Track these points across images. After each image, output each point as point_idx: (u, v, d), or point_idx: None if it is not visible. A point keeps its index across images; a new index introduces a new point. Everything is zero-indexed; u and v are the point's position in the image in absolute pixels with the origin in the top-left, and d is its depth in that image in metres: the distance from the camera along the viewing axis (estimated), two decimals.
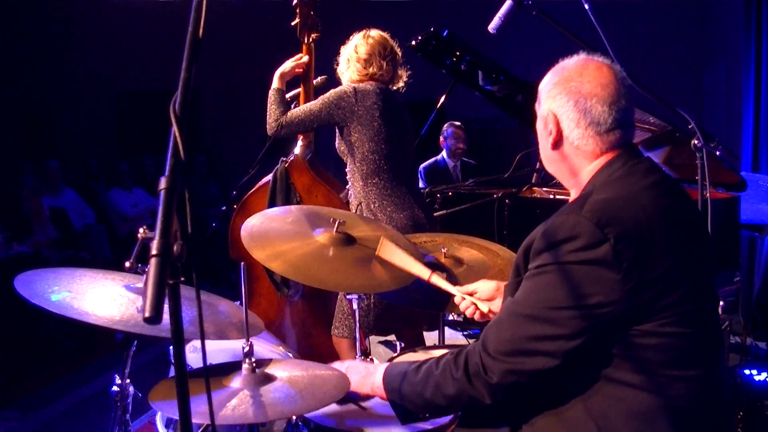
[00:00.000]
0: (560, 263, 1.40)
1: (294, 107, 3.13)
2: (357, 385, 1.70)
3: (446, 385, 1.50)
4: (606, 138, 1.52)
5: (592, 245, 1.38)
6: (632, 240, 1.39)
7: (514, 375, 1.43)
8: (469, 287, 2.04)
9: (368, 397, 1.74)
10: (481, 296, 1.99)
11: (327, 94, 3.01)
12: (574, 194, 1.61)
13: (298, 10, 3.22)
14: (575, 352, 1.40)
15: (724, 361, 1.58)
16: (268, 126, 3.06)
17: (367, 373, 1.70)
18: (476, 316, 2.03)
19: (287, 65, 3.19)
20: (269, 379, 1.71)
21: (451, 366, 1.51)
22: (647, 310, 1.40)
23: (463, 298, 2.01)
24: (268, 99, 3.09)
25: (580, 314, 1.38)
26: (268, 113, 3.07)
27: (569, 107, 1.52)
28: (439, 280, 2.03)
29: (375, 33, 3.10)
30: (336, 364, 1.81)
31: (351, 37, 3.12)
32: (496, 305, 1.98)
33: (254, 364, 1.71)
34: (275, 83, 3.14)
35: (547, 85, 1.58)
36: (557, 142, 1.57)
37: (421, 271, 2.04)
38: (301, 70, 3.23)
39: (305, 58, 3.24)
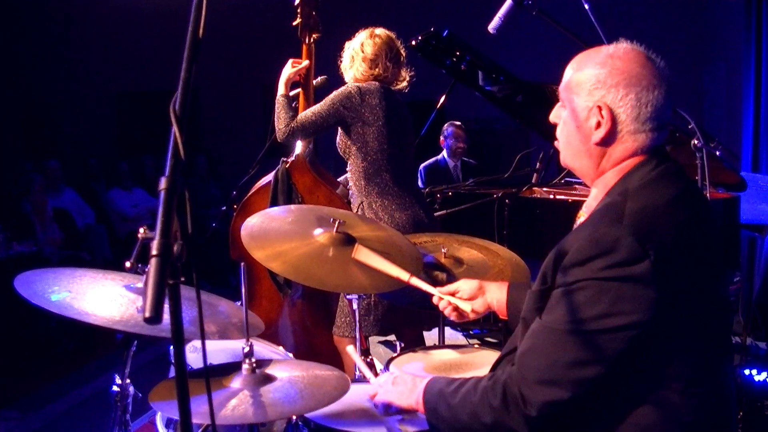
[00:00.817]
0: (597, 279, 1.34)
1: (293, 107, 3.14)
2: (401, 398, 1.65)
3: (484, 413, 1.45)
4: (654, 135, 1.46)
5: (632, 261, 1.32)
6: (670, 256, 1.34)
7: (553, 406, 1.38)
8: (450, 287, 2.00)
9: (411, 411, 1.67)
10: (462, 296, 1.97)
11: (332, 96, 3.01)
12: (597, 193, 1.53)
13: (299, 10, 3.22)
14: (611, 375, 1.35)
15: (732, 372, 1.56)
16: (277, 131, 3.06)
17: (413, 386, 1.65)
18: (453, 317, 2.01)
19: (290, 71, 3.19)
20: (269, 379, 1.71)
21: (489, 394, 1.45)
22: (678, 327, 1.36)
23: (441, 299, 1.98)
24: (276, 106, 3.09)
25: (618, 336, 1.33)
26: (276, 119, 3.07)
27: (629, 101, 1.43)
28: (418, 282, 2.01)
29: (381, 32, 3.09)
30: (384, 375, 1.77)
31: (357, 34, 3.11)
32: (478, 304, 1.96)
33: (254, 365, 1.71)
34: (281, 90, 3.14)
35: (591, 76, 1.46)
36: (608, 137, 1.46)
37: (400, 274, 2.00)
38: (303, 75, 3.24)
39: (305, 62, 3.24)
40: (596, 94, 1.45)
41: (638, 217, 1.37)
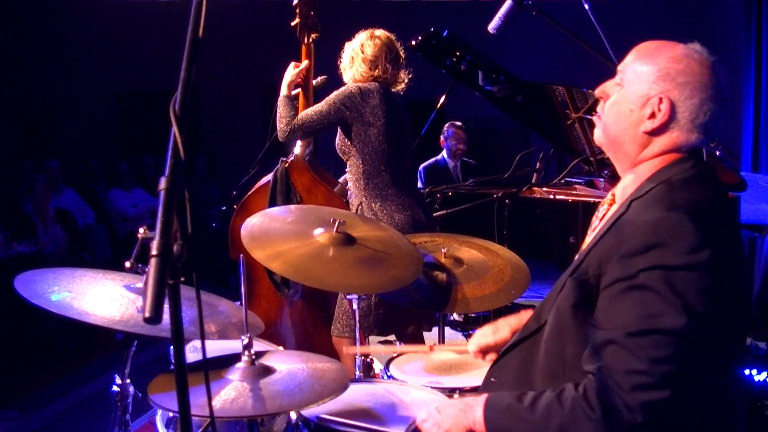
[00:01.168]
0: (662, 267, 1.31)
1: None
2: (455, 422, 1.53)
3: (579, 426, 1.37)
4: (701, 138, 1.48)
5: (696, 248, 1.31)
6: (723, 248, 1.34)
7: (657, 407, 1.32)
8: (480, 343, 1.95)
9: None
10: (498, 347, 1.89)
11: (333, 95, 3.02)
12: (633, 180, 1.53)
13: (297, 10, 3.22)
14: (690, 368, 1.32)
15: (741, 373, 1.56)
16: (279, 131, 3.07)
17: (466, 407, 1.55)
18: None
19: (292, 73, 3.19)
20: (268, 371, 1.70)
21: (583, 406, 1.37)
22: (725, 324, 1.36)
23: (487, 357, 1.95)
24: (278, 106, 3.10)
25: (698, 329, 1.31)
26: (278, 119, 3.08)
27: (693, 104, 1.46)
28: (443, 347, 2.10)
29: (381, 33, 3.10)
30: (423, 410, 1.66)
31: (357, 34, 3.12)
32: (502, 336, 1.93)
33: (253, 356, 1.70)
34: (283, 91, 3.15)
35: (662, 67, 1.47)
36: (659, 129, 1.48)
37: (420, 348, 2.12)
38: (303, 77, 3.24)
39: (305, 63, 3.25)
40: (660, 86, 1.47)
41: (692, 207, 1.37)
